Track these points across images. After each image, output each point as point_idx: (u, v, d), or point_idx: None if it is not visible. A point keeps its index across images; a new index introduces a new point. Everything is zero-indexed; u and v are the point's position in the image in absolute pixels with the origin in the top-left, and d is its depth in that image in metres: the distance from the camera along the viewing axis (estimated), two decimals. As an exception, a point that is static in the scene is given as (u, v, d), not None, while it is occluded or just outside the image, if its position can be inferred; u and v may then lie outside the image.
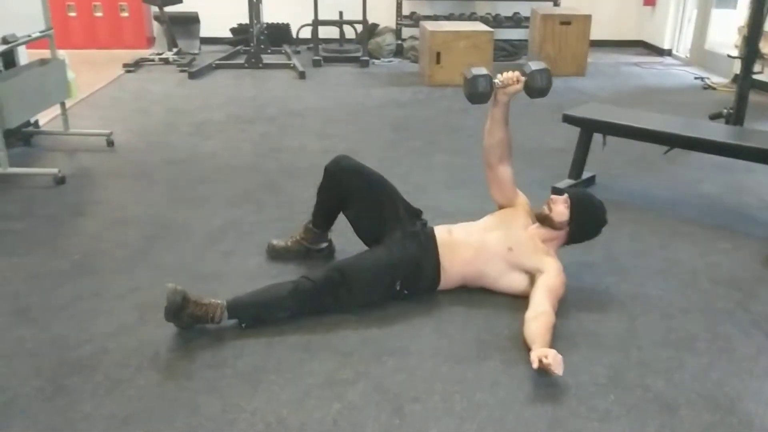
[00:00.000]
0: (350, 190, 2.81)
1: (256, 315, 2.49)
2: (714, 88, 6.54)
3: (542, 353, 2.16)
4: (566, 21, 6.96)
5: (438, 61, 6.48)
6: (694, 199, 3.78)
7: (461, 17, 7.99)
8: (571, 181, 3.83)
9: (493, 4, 8.36)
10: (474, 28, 6.72)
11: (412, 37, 8.01)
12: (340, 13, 7.59)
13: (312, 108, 5.69)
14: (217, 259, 3.04)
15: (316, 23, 7.29)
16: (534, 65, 2.74)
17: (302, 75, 6.75)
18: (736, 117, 4.93)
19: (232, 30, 8.13)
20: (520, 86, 2.73)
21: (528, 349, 2.28)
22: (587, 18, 6.99)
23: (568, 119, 3.73)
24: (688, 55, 7.89)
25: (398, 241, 2.68)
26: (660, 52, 8.27)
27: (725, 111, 5.07)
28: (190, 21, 7.77)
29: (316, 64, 7.28)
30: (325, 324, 2.51)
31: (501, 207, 2.88)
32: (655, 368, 2.30)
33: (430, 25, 6.74)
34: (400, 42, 8.01)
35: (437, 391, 2.16)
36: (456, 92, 6.17)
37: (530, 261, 2.64)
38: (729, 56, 5.88)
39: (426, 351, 2.38)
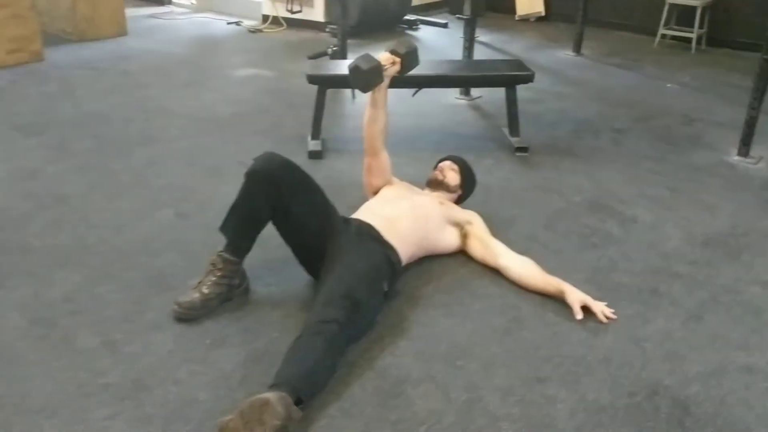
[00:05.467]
0: (289, 194, 2.29)
1: (314, 391, 1.91)
2: (260, 31, 6.86)
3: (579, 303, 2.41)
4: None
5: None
6: (416, 131, 4.16)
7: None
8: (316, 141, 3.77)
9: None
10: (9, -6, 5.40)
11: None
12: None
13: None
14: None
15: None
16: (403, 45, 2.75)
17: None
18: (342, 53, 5.44)
19: None
20: (398, 67, 2.72)
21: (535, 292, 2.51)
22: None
23: (313, 79, 3.63)
24: (195, 2, 7.94)
25: (357, 242, 2.38)
26: (160, 1, 8.06)
27: (329, 50, 5.54)
28: None
29: None
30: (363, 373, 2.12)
31: (377, 191, 2.83)
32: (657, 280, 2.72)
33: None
34: None
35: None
36: (17, 74, 5.00)
37: (458, 212, 2.78)
38: None
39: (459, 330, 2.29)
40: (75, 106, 4.43)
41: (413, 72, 2.86)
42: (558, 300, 2.45)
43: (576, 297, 2.40)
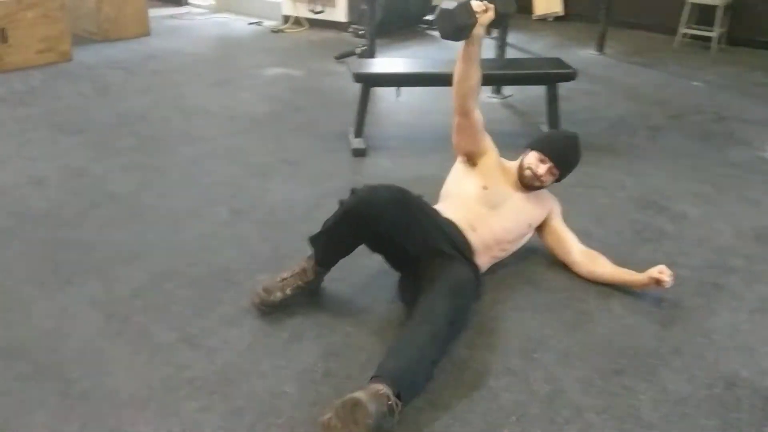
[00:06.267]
0: (388, 229, 2.22)
1: (413, 388, 1.90)
2: (282, 31, 6.88)
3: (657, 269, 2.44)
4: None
5: (5, 40, 5.07)
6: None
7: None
8: (359, 139, 3.78)
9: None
10: (38, -6, 5.41)
11: None
12: None
13: None
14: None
15: None
16: None
17: None
18: (370, 53, 5.47)
19: None
20: (492, 13, 2.44)
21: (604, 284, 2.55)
22: (140, -29, 6.38)
23: (359, 77, 3.65)
24: (213, 3, 7.96)
25: (460, 253, 2.35)
26: (178, 2, 8.08)
27: (358, 49, 5.55)
28: None
29: None
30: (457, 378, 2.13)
31: (468, 155, 2.65)
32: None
33: (-28, -6, 5.13)
34: None
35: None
36: (48, 74, 5.01)
37: (540, 219, 2.71)
38: None
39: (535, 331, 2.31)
40: (111, 106, 4.44)
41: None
42: (623, 291, 2.49)
43: (651, 270, 2.44)
